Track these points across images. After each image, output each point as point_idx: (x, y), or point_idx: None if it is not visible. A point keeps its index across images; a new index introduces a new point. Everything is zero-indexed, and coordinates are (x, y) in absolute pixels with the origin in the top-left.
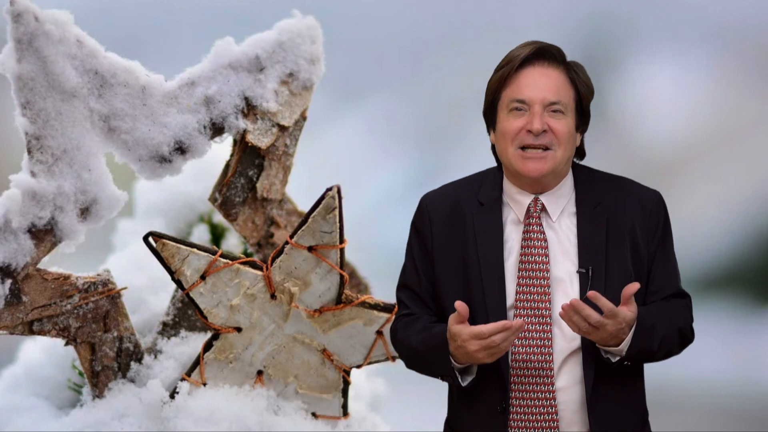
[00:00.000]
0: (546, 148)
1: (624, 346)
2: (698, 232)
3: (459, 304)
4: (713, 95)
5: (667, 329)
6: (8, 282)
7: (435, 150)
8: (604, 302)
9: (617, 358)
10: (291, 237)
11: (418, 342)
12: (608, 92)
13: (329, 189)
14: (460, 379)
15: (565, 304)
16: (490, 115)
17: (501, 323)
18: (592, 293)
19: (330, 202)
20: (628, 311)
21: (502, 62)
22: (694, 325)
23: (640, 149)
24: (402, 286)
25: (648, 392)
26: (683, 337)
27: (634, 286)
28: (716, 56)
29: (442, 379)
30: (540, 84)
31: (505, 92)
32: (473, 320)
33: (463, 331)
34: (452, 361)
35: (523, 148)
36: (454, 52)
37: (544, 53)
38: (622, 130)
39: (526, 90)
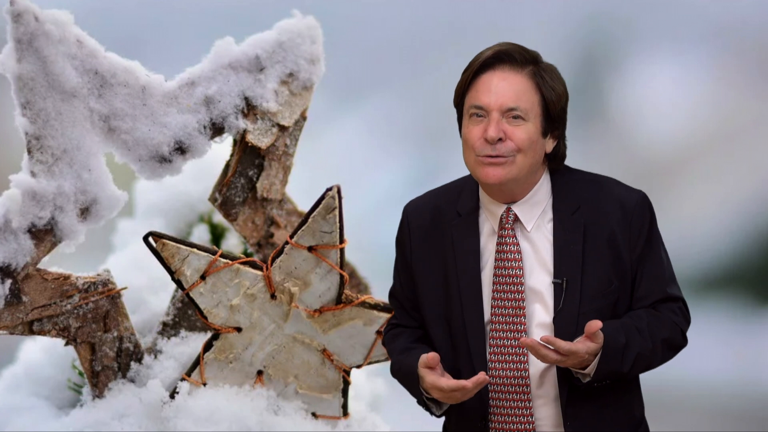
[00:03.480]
0: (503, 157)
1: (590, 370)
2: (698, 232)
3: (431, 356)
4: (713, 95)
5: (646, 345)
6: (8, 282)
7: (435, 150)
8: (560, 345)
9: (587, 379)
10: (291, 237)
11: (398, 365)
12: (608, 92)
13: (329, 189)
14: (434, 409)
15: (522, 340)
16: (459, 121)
17: (461, 383)
18: (545, 338)
19: (330, 202)
20: (591, 344)
21: (466, 66)
22: (694, 325)
23: (640, 149)
24: (390, 295)
25: (648, 392)
26: (670, 347)
27: (596, 324)
28: (716, 56)
29: (418, 403)
30: (498, 90)
31: (466, 98)
32: (453, 335)
33: (427, 379)
34: (423, 392)
35: (481, 156)
36: (454, 52)
37: (503, 56)
38: (622, 130)
39: (483, 96)
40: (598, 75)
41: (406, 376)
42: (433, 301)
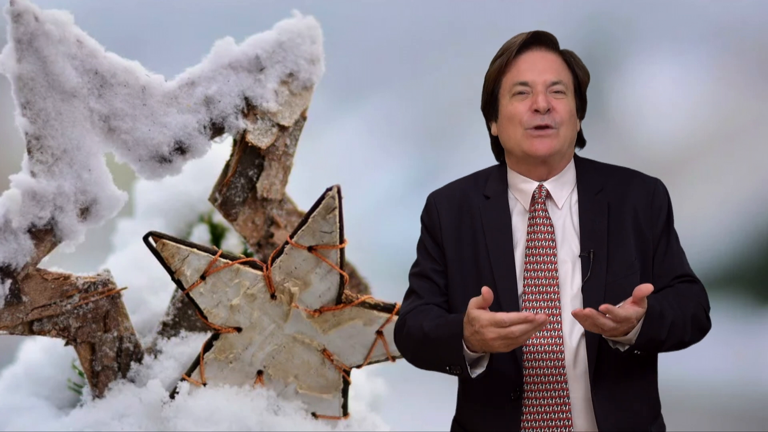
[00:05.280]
0: (551, 127)
1: (632, 335)
2: (698, 232)
3: (485, 290)
4: (713, 95)
5: (677, 316)
6: (8, 282)
7: (435, 150)
8: (617, 313)
9: (626, 347)
10: (291, 237)
11: (430, 328)
12: (608, 92)
13: (329, 189)
14: (469, 370)
15: (578, 310)
16: (491, 105)
17: (523, 315)
18: (604, 307)
19: (330, 202)
20: (639, 309)
21: (498, 53)
22: None
23: (640, 149)
24: (417, 276)
25: None
26: (698, 324)
27: (647, 288)
28: (716, 56)
29: (450, 370)
30: (540, 66)
31: (505, 78)
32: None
33: (483, 317)
34: (465, 348)
35: (531, 128)
36: (454, 52)
37: (541, 38)
38: (622, 130)
39: (527, 73)
40: (598, 75)
41: (444, 335)
42: (465, 281)
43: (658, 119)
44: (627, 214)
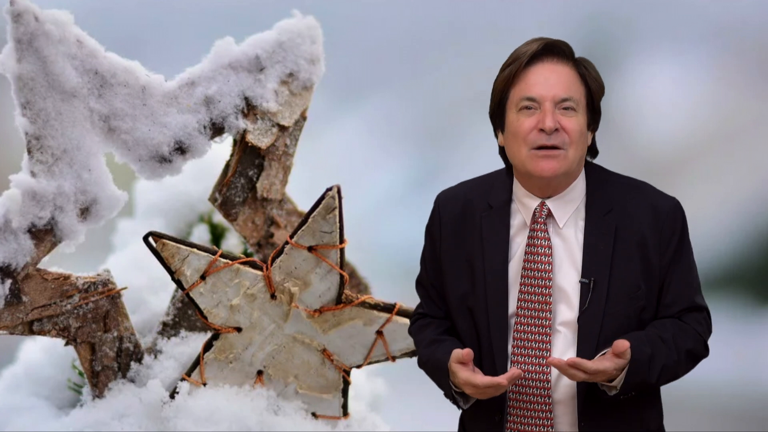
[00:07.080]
0: (558, 148)
1: (617, 383)
2: (698, 232)
3: (466, 353)
4: (713, 95)
5: (671, 356)
6: (8, 282)
7: (435, 150)
8: (587, 366)
9: (613, 392)
10: (291, 237)
11: (425, 356)
12: (608, 92)
13: (329, 189)
14: (461, 403)
15: (549, 360)
16: (498, 115)
17: (496, 380)
18: (571, 361)
19: (330, 202)
20: (619, 360)
21: (508, 60)
22: None
23: (640, 149)
24: (417, 284)
25: None
26: (692, 358)
27: (624, 344)
28: (716, 56)
29: (446, 397)
30: (550, 81)
31: (513, 90)
32: (477, 326)
33: (460, 374)
34: (453, 386)
35: (537, 148)
36: (454, 52)
37: (552, 49)
38: (622, 130)
39: (535, 87)
40: None
41: (435, 369)
42: (459, 291)
43: (658, 119)
44: (634, 239)
